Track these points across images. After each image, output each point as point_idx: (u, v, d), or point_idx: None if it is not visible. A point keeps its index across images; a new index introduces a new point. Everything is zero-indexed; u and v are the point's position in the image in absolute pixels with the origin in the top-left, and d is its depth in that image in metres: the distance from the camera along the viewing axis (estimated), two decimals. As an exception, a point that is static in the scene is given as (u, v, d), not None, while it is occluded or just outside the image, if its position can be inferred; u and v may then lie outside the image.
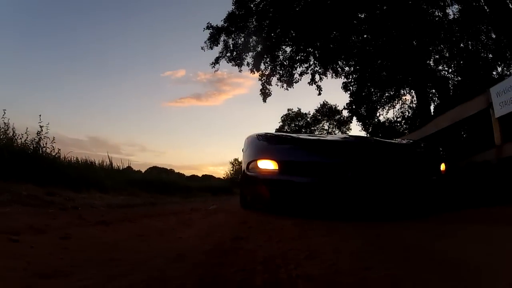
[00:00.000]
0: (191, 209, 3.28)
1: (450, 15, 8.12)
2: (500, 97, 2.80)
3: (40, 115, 4.32)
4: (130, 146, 36.86)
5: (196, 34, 26.97)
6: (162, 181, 8.14)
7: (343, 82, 9.56)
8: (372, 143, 2.69)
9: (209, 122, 47.00)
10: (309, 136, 3.11)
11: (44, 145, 4.28)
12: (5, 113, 4.18)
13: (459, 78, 8.44)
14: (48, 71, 31.94)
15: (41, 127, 4.23)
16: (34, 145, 4.13)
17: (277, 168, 2.13)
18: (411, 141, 3.00)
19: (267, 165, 2.19)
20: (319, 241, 1.18)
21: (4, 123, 4.12)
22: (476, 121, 4.51)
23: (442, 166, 2.35)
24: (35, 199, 2.54)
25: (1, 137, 3.80)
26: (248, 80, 27.27)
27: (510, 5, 6.36)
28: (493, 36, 7.49)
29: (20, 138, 4.03)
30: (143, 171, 11.35)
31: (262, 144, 2.44)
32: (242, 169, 2.64)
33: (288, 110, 20.81)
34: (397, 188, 2.07)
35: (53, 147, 4.42)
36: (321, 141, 2.67)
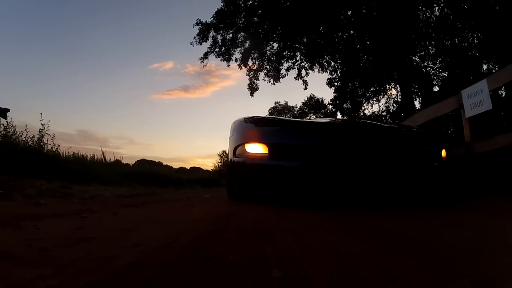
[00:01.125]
0: (188, 197, 3.78)
1: (436, 13, 8.67)
2: (470, 99, 3.03)
3: (41, 113, 4.70)
4: (118, 139, 36.77)
5: (184, 25, 26.82)
6: (154, 173, 8.59)
7: (328, 78, 10.12)
8: (371, 126, 2.53)
9: (197, 114, 47.12)
10: (300, 120, 3.06)
11: (46, 141, 4.67)
12: (9, 110, 4.53)
13: (446, 74, 9.08)
14: (35, 64, 31.15)
15: (42, 125, 4.61)
16: (37, 142, 4.51)
17: (266, 152, 1.97)
18: (412, 126, 2.87)
19: (256, 149, 2.03)
20: (294, 215, 1.71)
21: (7, 122, 4.48)
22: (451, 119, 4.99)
23: (443, 153, 2.27)
24: (55, 192, 2.97)
25: (7, 134, 4.15)
26: (235, 72, 27.68)
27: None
28: (479, 34, 7.97)
29: (21, 135, 4.39)
30: (131, 164, 11.66)
31: (250, 127, 2.27)
32: (228, 156, 2.48)
33: (276, 103, 21.38)
34: (397, 174, 1.96)
35: (53, 143, 4.82)
36: (315, 123, 2.47)
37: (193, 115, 46.25)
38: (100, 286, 0.58)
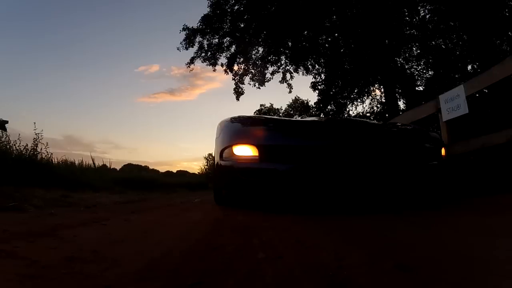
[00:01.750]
0: (181, 202, 4.08)
1: (422, 13, 9.18)
2: (447, 104, 3.22)
3: (34, 123, 4.89)
4: (104, 144, 36.52)
5: (170, 28, 27.14)
6: (143, 179, 8.80)
7: (312, 82, 10.59)
8: (368, 125, 2.48)
9: (183, 117, 47.15)
10: (290, 119, 3.00)
11: (40, 150, 4.86)
12: (7, 122, 4.71)
13: (430, 74, 9.64)
14: (18, 67, 30.39)
15: (36, 134, 4.80)
16: (31, 151, 4.69)
17: (257, 154, 1.88)
18: (408, 125, 2.85)
19: (245, 151, 1.93)
20: (276, 216, 2.05)
21: (7, 134, 4.64)
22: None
23: (443, 151, 2.25)
24: (58, 201, 3.20)
25: (6, 145, 4.32)
26: (221, 75, 27.84)
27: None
28: (463, 35, 8.41)
29: (14, 145, 4.56)
30: (118, 168, 11.75)
31: (238, 127, 2.18)
32: (215, 159, 2.36)
33: (261, 105, 21.78)
34: (398, 174, 1.90)
35: (47, 151, 5.01)
36: (307, 122, 2.39)
37: (179, 118, 46.33)
38: (148, 266, 0.91)
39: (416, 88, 9.91)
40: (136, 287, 0.75)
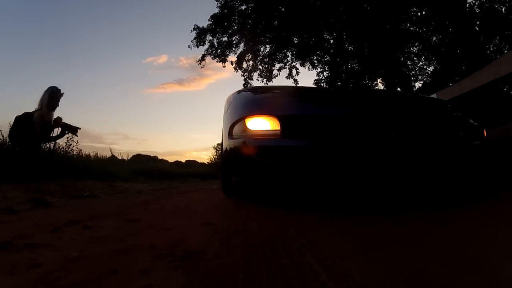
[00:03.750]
0: (202, 188, 5.00)
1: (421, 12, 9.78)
2: None
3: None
4: (113, 135, 37.90)
5: (177, 18, 27.68)
6: (159, 170, 9.79)
7: (315, 79, 11.34)
8: (410, 96, 2.23)
9: (192, 108, 48.24)
10: (317, 87, 2.69)
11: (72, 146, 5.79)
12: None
13: (431, 69, 10.34)
14: (25, 61, 31.56)
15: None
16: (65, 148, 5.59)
17: (278, 128, 1.52)
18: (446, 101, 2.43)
19: (262, 124, 1.57)
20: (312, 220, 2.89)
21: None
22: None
23: (484, 132, 1.99)
24: (111, 189, 4.15)
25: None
26: (230, 65, 28.59)
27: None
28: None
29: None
30: (126, 159, 12.71)
31: (252, 96, 1.87)
32: (222, 139, 2.01)
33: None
34: (447, 155, 1.64)
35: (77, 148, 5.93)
36: (342, 91, 2.04)
37: (189, 108, 47.43)
38: (207, 219, 1.80)
39: (416, 84, 10.62)
40: (205, 226, 1.64)
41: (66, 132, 4.08)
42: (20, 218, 1.56)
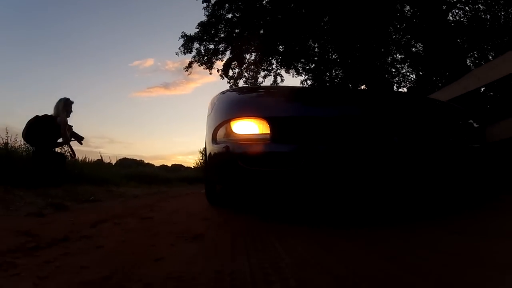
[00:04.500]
0: (192, 192, 5.46)
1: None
2: None
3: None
4: (99, 139, 37.74)
5: (164, 22, 28.02)
6: (148, 174, 10.19)
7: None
8: (408, 96, 2.08)
9: (178, 111, 48.47)
10: (306, 87, 2.63)
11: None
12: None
13: (413, 77, 11.05)
14: (13, 62, 31.04)
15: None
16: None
17: (268, 131, 1.40)
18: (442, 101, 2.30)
19: (249, 127, 1.45)
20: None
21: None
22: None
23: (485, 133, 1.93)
24: (110, 193, 4.55)
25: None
26: (216, 62, 29.04)
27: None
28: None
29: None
30: (113, 163, 12.95)
31: (237, 97, 1.77)
32: (206, 144, 1.89)
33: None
34: (449, 159, 1.56)
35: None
36: (338, 91, 1.90)
37: (174, 112, 47.60)
38: (193, 215, 2.30)
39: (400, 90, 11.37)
40: (203, 221, 2.12)
41: (72, 139, 4.46)
42: (54, 220, 2.00)
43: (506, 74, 2.43)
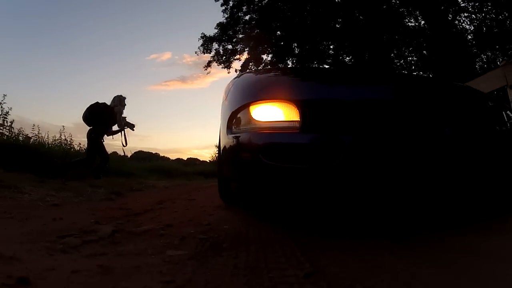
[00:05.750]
0: (211, 185, 6.26)
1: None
2: None
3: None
4: (114, 131, 39.36)
5: (181, 15, 28.95)
6: (168, 168, 11.12)
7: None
8: (449, 83, 1.72)
9: (195, 105, 49.75)
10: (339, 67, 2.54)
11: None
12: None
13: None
14: (30, 58, 32.92)
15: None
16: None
17: (297, 118, 1.17)
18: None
19: (273, 113, 1.22)
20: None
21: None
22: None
23: None
24: (144, 185, 5.41)
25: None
26: (234, 62, 29.87)
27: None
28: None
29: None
30: (129, 156, 13.93)
31: (259, 77, 1.56)
32: (220, 134, 1.67)
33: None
34: (501, 155, 1.36)
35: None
36: (374, 73, 1.77)
37: (191, 106, 48.91)
38: (219, 205, 3.07)
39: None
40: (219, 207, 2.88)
41: (125, 127, 5.33)
42: (125, 202, 2.79)
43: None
